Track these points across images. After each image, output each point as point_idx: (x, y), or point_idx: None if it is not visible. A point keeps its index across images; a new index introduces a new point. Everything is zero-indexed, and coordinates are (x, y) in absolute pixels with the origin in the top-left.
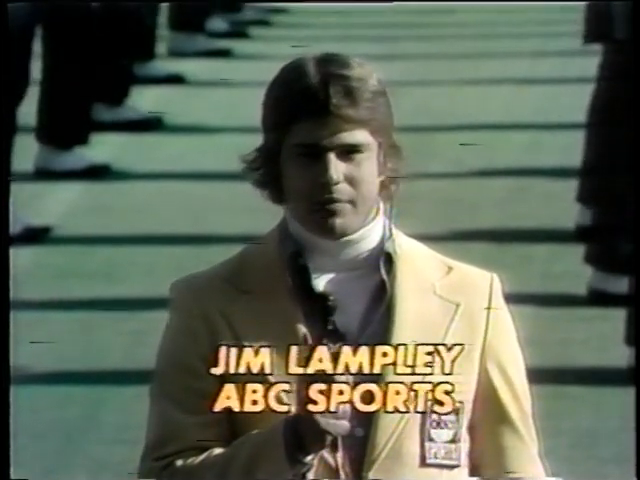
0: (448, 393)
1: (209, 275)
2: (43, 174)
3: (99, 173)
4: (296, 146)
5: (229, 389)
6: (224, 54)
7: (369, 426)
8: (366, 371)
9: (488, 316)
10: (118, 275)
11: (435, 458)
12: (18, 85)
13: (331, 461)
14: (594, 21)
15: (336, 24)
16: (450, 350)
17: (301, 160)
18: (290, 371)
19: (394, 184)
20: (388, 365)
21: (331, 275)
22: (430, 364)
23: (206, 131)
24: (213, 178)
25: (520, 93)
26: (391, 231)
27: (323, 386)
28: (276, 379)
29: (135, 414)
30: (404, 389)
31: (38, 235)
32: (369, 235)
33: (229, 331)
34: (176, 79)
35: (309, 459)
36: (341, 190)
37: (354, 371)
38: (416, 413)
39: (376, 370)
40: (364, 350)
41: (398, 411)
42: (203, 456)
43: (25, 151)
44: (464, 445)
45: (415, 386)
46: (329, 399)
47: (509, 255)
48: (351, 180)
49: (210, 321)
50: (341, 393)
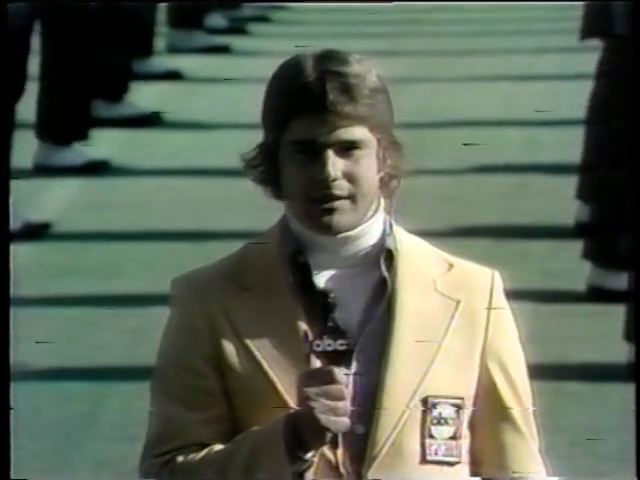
0: (449, 390)
1: (210, 272)
2: (42, 170)
3: (98, 169)
4: (294, 143)
5: (230, 385)
6: (223, 50)
7: (369, 423)
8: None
9: (489, 313)
10: (117, 271)
11: (435, 455)
12: (17, 82)
13: (331, 458)
14: (593, 17)
15: (335, 21)
16: (450, 347)
17: (299, 157)
18: (290, 368)
19: (394, 181)
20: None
21: (331, 272)
22: (431, 361)
23: (205, 127)
24: (212, 174)
25: (519, 90)
26: (391, 227)
27: (323, 383)
28: (276, 376)
29: (135, 411)
30: (405, 386)
31: (37, 231)
32: (369, 232)
33: (230, 328)
34: (175, 75)
35: (309, 456)
36: (339, 186)
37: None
38: (416, 410)
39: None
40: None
41: (398, 408)
42: (203, 453)
43: (24, 147)
44: (465, 442)
45: (416, 383)
46: (329, 396)
47: (508, 251)
48: (350, 177)
49: (211, 318)
50: (341, 390)
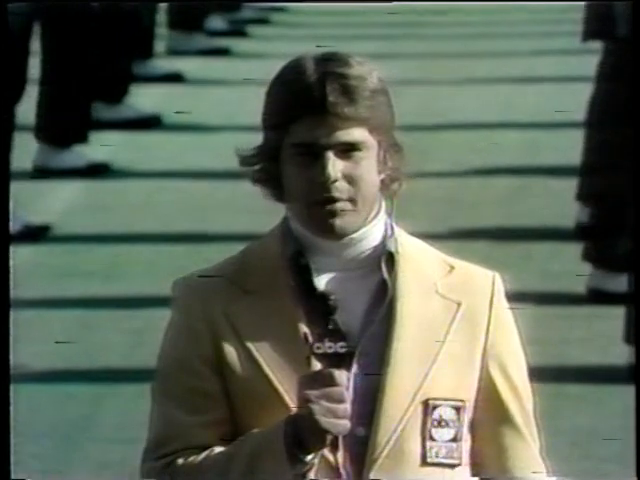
0: (449, 392)
1: (211, 274)
2: (42, 172)
3: (98, 171)
4: (294, 146)
5: (230, 388)
6: (223, 53)
7: (370, 425)
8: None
9: (490, 315)
10: (118, 273)
11: (436, 457)
12: (17, 83)
13: (332, 460)
14: (595, 19)
15: (335, 23)
16: (451, 349)
17: (300, 159)
18: (291, 370)
19: (395, 183)
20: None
21: (333, 274)
22: (431, 363)
23: (205, 130)
24: (212, 176)
25: (519, 92)
26: (393, 230)
27: (323, 385)
28: (277, 378)
29: (135, 413)
30: (405, 389)
31: (37, 233)
32: (370, 234)
33: (231, 330)
34: (175, 78)
35: (310, 458)
36: (340, 188)
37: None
38: (417, 412)
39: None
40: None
41: (399, 410)
42: (204, 455)
43: (24, 149)
44: (465, 444)
45: (416, 385)
46: (330, 399)
47: (509, 254)
48: (350, 178)
49: (212, 321)
50: (342, 392)
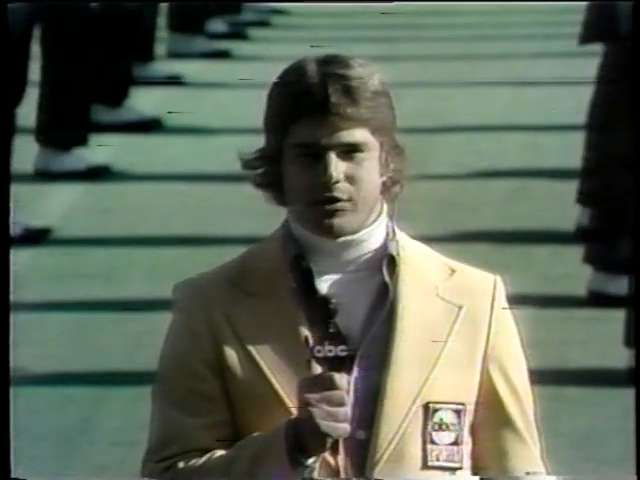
0: (450, 396)
1: (212, 277)
2: (43, 175)
3: (99, 174)
4: (296, 146)
5: (231, 390)
6: (224, 55)
7: (370, 429)
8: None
9: (491, 319)
10: (118, 276)
11: (437, 460)
12: (17, 86)
13: (333, 463)
14: (596, 20)
15: (336, 25)
16: (452, 352)
17: (301, 160)
18: (291, 373)
19: (397, 185)
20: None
21: (334, 277)
22: (432, 366)
23: (206, 132)
24: (213, 179)
25: (520, 94)
26: (394, 232)
27: (324, 389)
28: (277, 381)
29: (135, 416)
30: (406, 392)
31: (38, 236)
32: (372, 236)
33: (231, 333)
34: (175, 80)
35: (311, 462)
36: (341, 189)
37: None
38: (418, 416)
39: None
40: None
41: (400, 414)
42: (205, 458)
43: (25, 152)
44: (466, 447)
45: (417, 388)
46: (330, 402)
47: (509, 256)
48: (351, 179)
49: (213, 323)
50: (342, 396)
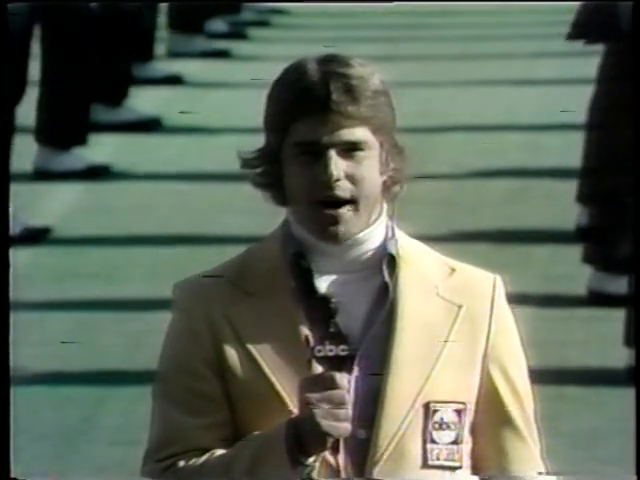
0: (450, 395)
1: (212, 276)
2: (42, 175)
3: (98, 174)
4: (297, 145)
5: (231, 390)
6: (223, 55)
7: (371, 428)
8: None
9: (491, 318)
10: (118, 276)
11: (437, 460)
12: (17, 86)
13: (333, 463)
14: (596, 22)
15: (335, 25)
16: (452, 351)
17: (302, 159)
18: (292, 373)
19: (397, 185)
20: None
21: (334, 277)
22: (432, 365)
23: (205, 132)
24: (212, 179)
25: (520, 94)
26: (394, 232)
27: (324, 388)
28: (278, 381)
29: (135, 415)
30: (406, 391)
31: (38, 236)
32: (372, 236)
33: (231, 332)
34: (175, 80)
35: (311, 461)
36: (342, 187)
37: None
38: (418, 415)
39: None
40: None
41: (400, 413)
42: (205, 457)
43: (24, 152)
44: (466, 447)
45: (418, 388)
46: (331, 401)
47: (509, 256)
48: (352, 178)
49: (213, 322)
50: (343, 395)
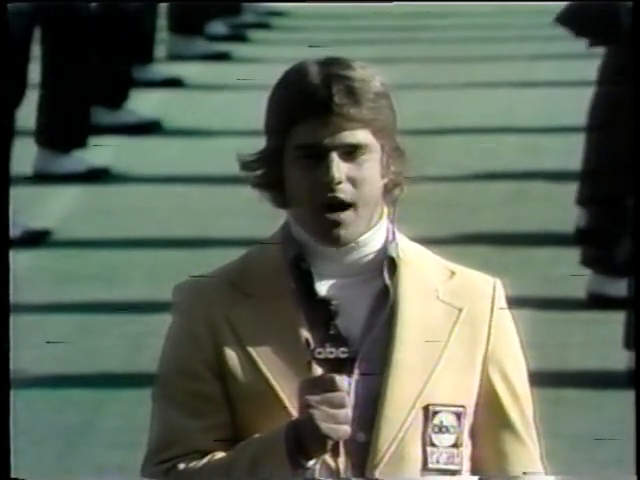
0: (450, 398)
1: (212, 278)
2: (42, 177)
3: (98, 176)
4: (298, 148)
5: (231, 392)
6: (223, 57)
7: (371, 431)
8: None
9: (491, 321)
10: (118, 278)
11: (437, 463)
12: (17, 88)
13: (333, 465)
14: (597, 21)
15: (335, 27)
16: (452, 355)
17: (303, 162)
18: (292, 375)
19: (398, 188)
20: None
21: (334, 280)
22: (432, 369)
23: (205, 134)
24: (212, 181)
25: (519, 96)
26: (394, 235)
27: (324, 391)
28: (278, 383)
29: (135, 418)
30: (406, 394)
31: (38, 238)
32: (372, 239)
33: (232, 334)
34: (175, 82)
35: (311, 463)
36: (344, 190)
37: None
38: (418, 418)
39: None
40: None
41: (400, 416)
42: (205, 460)
43: (24, 154)
44: (466, 450)
45: (417, 391)
46: (331, 404)
47: (509, 258)
48: (353, 181)
49: (213, 325)
50: (343, 398)
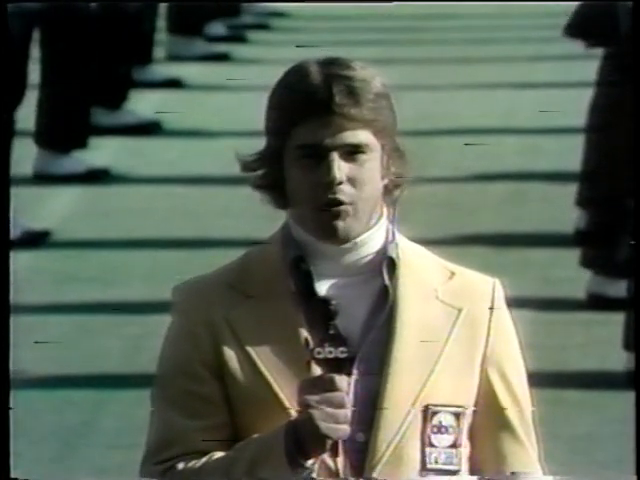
0: (449, 398)
1: (211, 279)
2: (42, 178)
3: (98, 177)
4: (299, 148)
5: (231, 392)
6: (223, 58)
7: (370, 431)
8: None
9: (490, 322)
10: (117, 279)
11: (436, 463)
12: (17, 89)
13: (332, 465)
14: (597, 21)
15: (335, 28)
16: (451, 355)
17: (304, 162)
18: (291, 375)
19: (398, 188)
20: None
21: (334, 280)
22: (431, 369)
23: (205, 135)
24: (212, 182)
25: (519, 97)
26: (394, 236)
27: (324, 390)
28: (277, 383)
29: (134, 418)
30: (405, 394)
31: (37, 239)
32: (372, 240)
33: (231, 335)
34: (175, 83)
35: (310, 463)
36: (344, 191)
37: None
38: (417, 418)
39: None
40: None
41: (399, 416)
42: (204, 460)
43: (24, 155)
44: (464, 450)
45: (416, 391)
46: (330, 404)
47: (508, 259)
48: (353, 181)
49: (212, 325)
50: (342, 398)
